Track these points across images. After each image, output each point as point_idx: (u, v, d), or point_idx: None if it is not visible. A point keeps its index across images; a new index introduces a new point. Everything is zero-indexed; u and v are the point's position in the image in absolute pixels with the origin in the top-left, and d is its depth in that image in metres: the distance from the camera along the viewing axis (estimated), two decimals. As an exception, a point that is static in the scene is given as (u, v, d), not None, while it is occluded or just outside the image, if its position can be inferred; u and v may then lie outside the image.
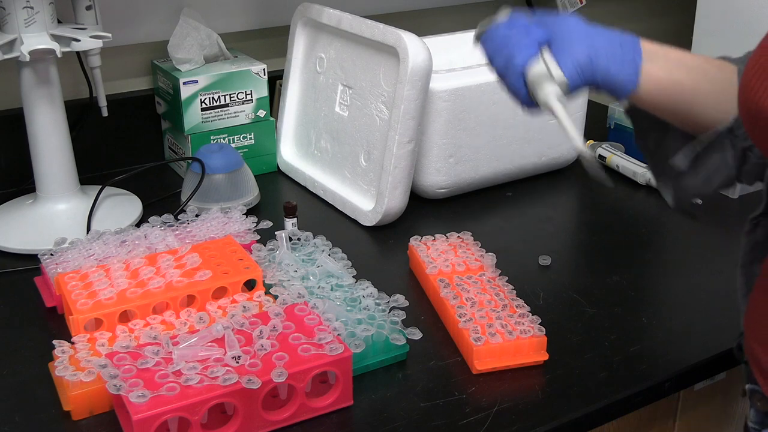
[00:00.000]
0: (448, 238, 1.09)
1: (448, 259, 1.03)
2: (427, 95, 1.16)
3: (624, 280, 1.07)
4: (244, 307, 0.90)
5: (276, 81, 1.44)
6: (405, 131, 1.14)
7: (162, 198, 1.27)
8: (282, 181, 1.37)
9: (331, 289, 0.95)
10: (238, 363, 0.78)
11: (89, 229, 1.13)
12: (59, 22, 1.12)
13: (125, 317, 0.90)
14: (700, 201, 1.24)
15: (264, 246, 1.04)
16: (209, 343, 0.81)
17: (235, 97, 1.33)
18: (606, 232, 1.22)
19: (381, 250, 1.16)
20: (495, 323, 0.90)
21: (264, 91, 1.36)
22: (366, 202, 1.22)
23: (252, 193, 1.24)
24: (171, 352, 0.80)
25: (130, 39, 1.36)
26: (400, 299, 0.94)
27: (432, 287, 1.00)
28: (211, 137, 1.33)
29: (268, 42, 1.50)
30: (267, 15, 1.48)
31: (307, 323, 0.85)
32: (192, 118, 1.31)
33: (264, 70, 1.35)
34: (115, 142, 1.39)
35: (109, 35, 1.11)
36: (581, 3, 1.61)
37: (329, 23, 1.27)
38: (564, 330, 0.96)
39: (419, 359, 0.91)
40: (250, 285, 0.96)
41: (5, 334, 0.96)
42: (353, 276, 0.99)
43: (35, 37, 1.06)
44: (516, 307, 0.93)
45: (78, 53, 1.27)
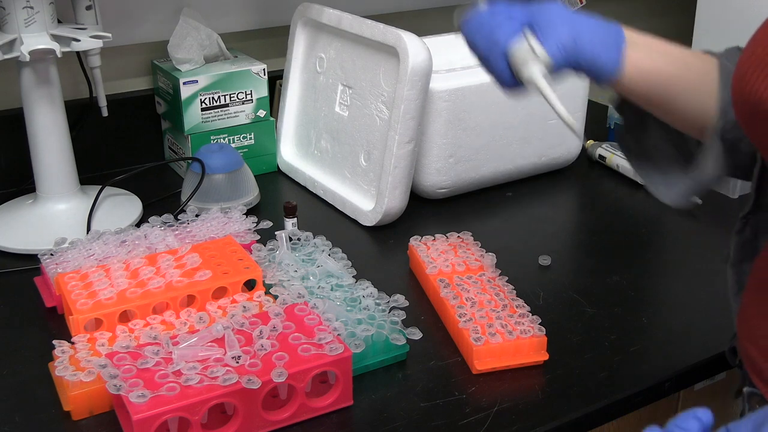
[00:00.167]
0: (448, 238, 1.09)
1: (448, 259, 1.03)
2: (427, 95, 1.16)
3: (624, 280, 1.07)
4: (244, 307, 0.90)
5: (276, 81, 1.44)
6: (405, 131, 1.14)
7: (162, 198, 1.27)
8: (282, 181, 1.37)
9: (331, 289, 0.95)
10: (238, 363, 0.78)
11: (89, 229, 1.13)
12: (59, 22, 1.12)
13: (125, 317, 0.90)
14: (699, 200, 1.24)
15: (264, 246, 1.04)
16: (209, 343, 0.81)
17: (235, 97, 1.33)
18: (606, 232, 1.22)
19: (381, 250, 1.16)
20: (495, 323, 0.90)
21: (264, 91, 1.36)
22: (366, 202, 1.22)
23: (252, 193, 1.24)
24: (171, 352, 0.80)
25: (130, 39, 1.36)
26: (400, 299, 0.94)
27: (432, 287, 1.00)
28: (211, 137, 1.33)
29: (268, 42, 1.50)
30: (267, 15, 1.48)
31: (307, 323, 0.85)
32: (192, 118, 1.31)
33: (264, 70, 1.35)
34: (115, 142, 1.39)
35: (109, 35, 1.11)
36: (581, 3, 1.61)
37: (329, 23, 1.27)
38: (564, 330, 0.96)
39: (419, 359, 0.91)
40: (250, 285, 0.96)
41: (5, 334, 0.96)
42: (353, 276, 0.99)
43: (35, 37, 1.06)
44: (516, 307, 0.93)
45: (78, 53, 1.27)
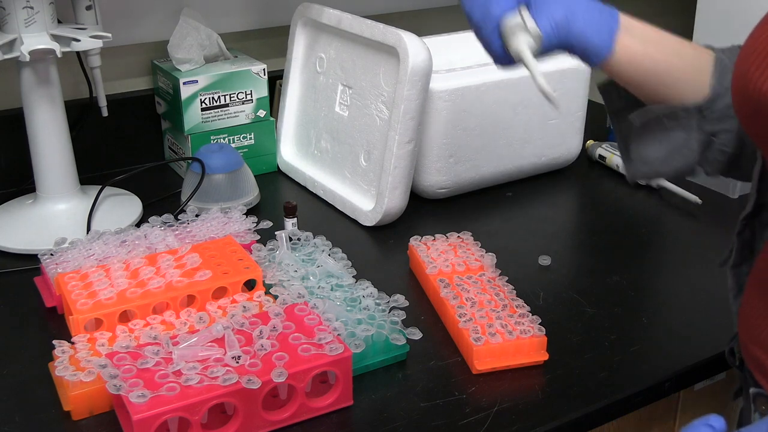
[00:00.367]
0: (448, 238, 1.09)
1: (448, 259, 1.03)
2: (427, 95, 1.16)
3: (624, 280, 1.07)
4: (244, 307, 0.90)
5: (276, 81, 1.44)
6: (405, 131, 1.14)
7: (162, 198, 1.27)
8: (282, 181, 1.37)
9: (331, 289, 0.95)
10: (238, 363, 0.78)
11: (89, 229, 1.13)
12: (59, 22, 1.12)
13: (125, 317, 0.90)
14: (699, 201, 1.24)
15: (264, 246, 1.04)
16: (209, 343, 0.81)
17: (235, 97, 1.33)
18: (606, 232, 1.22)
19: (381, 250, 1.16)
20: (495, 323, 0.90)
21: (264, 91, 1.36)
22: (366, 202, 1.22)
23: (252, 193, 1.24)
24: (171, 352, 0.80)
25: (130, 39, 1.37)
26: (400, 299, 0.94)
27: (432, 287, 1.00)
28: (211, 137, 1.33)
29: (268, 42, 1.50)
30: (267, 15, 1.48)
31: (307, 323, 0.85)
32: (192, 118, 1.31)
33: (264, 70, 1.35)
34: (115, 142, 1.39)
35: (109, 35, 1.11)
36: None
37: (329, 23, 1.27)
38: (564, 330, 0.96)
39: (419, 359, 0.91)
40: (250, 285, 0.96)
41: (5, 334, 0.96)
42: (353, 276, 0.99)
43: (35, 37, 1.06)
44: (516, 307, 0.93)
45: (78, 53, 1.27)
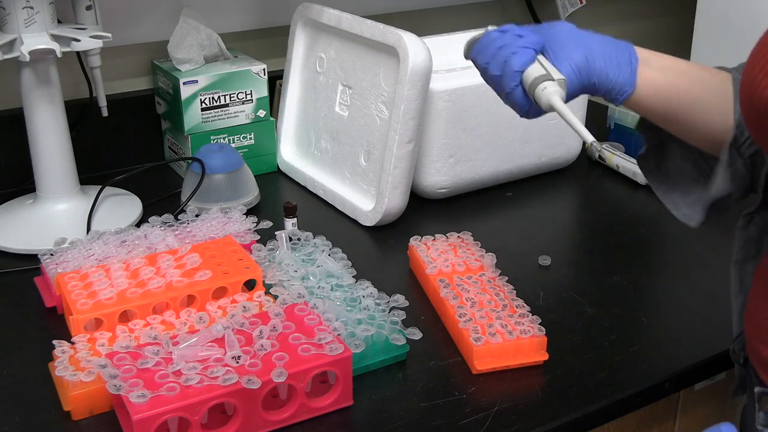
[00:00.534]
0: (448, 238, 1.09)
1: (448, 259, 1.03)
2: (427, 95, 1.16)
3: (624, 280, 1.07)
4: (244, 307, 0.90)
5: (276, 81, 1.44)
6: (405, 131, 1.14)
7: (162, 198, 1.27)
8: (282, 181, 1.37)
9: (331, 289, 0.95)
10: (238, 363, 0.78)
11: (89, 229, 1.13)
12: (59, 22, 1.12)
13: (125, 317, 0.90)
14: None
15: (264, 246, 1.04)
16: (209, 343, 0.81)
17: (235, 97, 1.33)
18: (606, 232, 1.22)
19: (381, 250, 1.16)
20: (495, 323, 0.90)
21: (264, 91, 1.36)
22: (366, 202, 1.22)
23: (252, 193, 1.24)
24: (171, 352, 0.80)
25: (130, 39, 1.36)
26: (400, 299, 0.94)
27: (432, 287, 1.00)
28: (211, 137, 1.33)
29: (268, 42, 1.50)
30: (267, 15, 1.48)
31: (307, 323, 0.85)
32: (192, 118, 1.31)
33: (264, 70, 1.35)
34: (115, 142, 1.39)
35: (109, 35, 1.11)
36: (581, 3, 1.61)
37: (329, 23, 1.27)
38: (564, 330, 0.96)
39: (419, 359, 0.91)
40: (250, 285, 0.96)
41: (5, 334, 0.96)
42: (353, 276, 0.99)
43: (35, 37, 1.06)
44: (516, 307, 0.93)
45: (78, 53, 1.27)
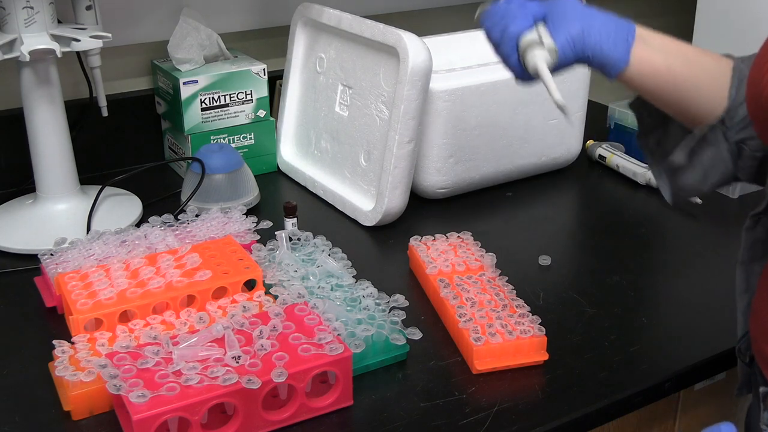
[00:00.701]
0: (448, 238, 1.09)
1: (448, 259, 1.03)
2: (427, 95, 1.16)
3: (624, 280, 1.07)
4: (244, 307, 0.90)
5: (276, 81, 1.44)
6: (405, 131, 1.14)
7: (162, 198, 1.27)
8: (282, 181, 1.37)
9: (331, 289, 0.95)
10: (238, 363, 0.78)
11: (89, 229, 1.13)
12: (59, 22, 1.12)
13: (125, 317, 0.90)
14: (699, 201, 1.24)
15: (264, 246, 1.04)
16: (209, 343, 0.81)
17: (235, 97, 1.33)
18: (606, 232, 1.22)
19: (381, 250, 1.16)
20: (495, 323, 0.90)
21: (264, 91, 1.36)
22: (366, 202, 1.22)
23: (252, 193, 1.24)
24: (171, 352, 0.80)
25: (130, 39, 1.36)
26: (400, 299, 0.94)
27: (432, 287, 1.00)
28: (211, 137, 1.33)
29: (268, 42, 1.50)
30: (267, 15, 1.48)
31: (307, 323, 0.85)
32: (192, 118, 1.31)
33: (264, 70, 1.35)
34: (115, 142, 1.39)
35: (109, 35, 1.11)
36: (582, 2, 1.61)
37: (329, 23, 1.27)
38: (564, 330, 0.96)
39: (419, 359, 0.91)
40: (250, 285, 0.96)
41: (5, 334, 0.96)
42: (353, 276, 0.99)
43: (35, 37, 1.06)
44: (516, 307, 0.93)
45: (78, 53, 1.27)
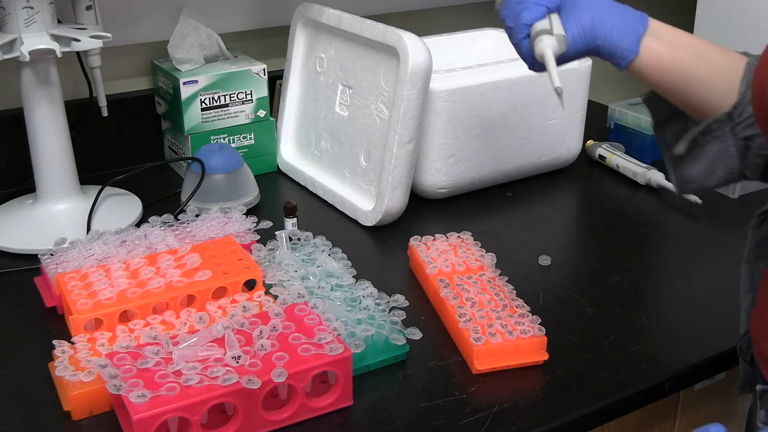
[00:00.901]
0: (448, 238, 1.09)
1: (448, 259, 1.03)
2: (427, 95, 1.16)
3: (624, 280, 1.07)
4: (244, 307, 0.90)
5: (276, 81, 1.44)
6: (405, 131, 1.14)
7: (162, 198, 1.27)
8: (282, 181, 1.37)
9: (331, 289, 0.95)
10: (238, 363, 0.78)
11: (89, 229, 1.13)
12: (59, 22, 1.12)
13: (125, 317, 0.90)
14: (699, 201, 1.24)
15: (264, 246, 1.04)
16: (209, 343, 0.81)
17: (235, 97, 1.33)
18: (606, 232, 1.22)
19: (381, 250, 1.16)
20: (495, 323, 0.90)
21: (264, 91, 1.36)
22: (366, 202, 1.22)
23: (252, 193, 1.24)
24: (171, 352, 0.80)
25: (130, 39, 1.37)
26: (400, 299, 0.94)
27: (432, 287, 1.00)
28: (211, 137, 1.33)
29: (268, 42, 1.50)
30: (267, 15, 1.48)
31: (307, 323, 0.85)
32: (192, 118, 1.31)
33: (264, 70, 1.35)
34: (115, 142, 1.39)
35: (109, 35, 1.11)
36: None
37: (329, 23, 1.27)
38: (564, 330, 0.96)
39: (419, 359, 0.91)
40: (250, 285, 0.96)
41: (5, 334, 0.96)
42: (353, 276, 0.99)
43: (35, 37, 1.06)
44: (516, 307, 0.93)
45: (78, 53, 1.27)
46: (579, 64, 1.29)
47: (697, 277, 1.09)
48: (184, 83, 1.29)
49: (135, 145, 1.41)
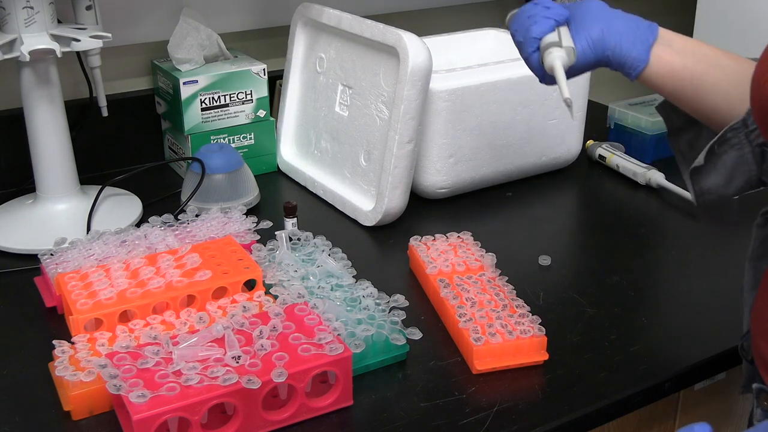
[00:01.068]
0: (448, 238, 1.09)
1: (448, 259, 1.03)
2: (427, 95, 1.16)
3: (624, 280, 1.07)
4: (244, 307, 0.90)
5: (276, 81, 1.44)
6: (405, 131, 1.14)
7: (162, 198, 1.27)
8: (282, 181, 1.37)
9: (331, 289, 0.95)
10: (238, 363, 0.78)
11: (89, 229, 1.13)
12: (59, 22, 1.12)
13: (125, 317, 0.90)
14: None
15: (264, 246, 1.04)
16: (209, 343, 0.81)
17: (235, 97, 1.33)
18: (606, 232, 1.22)
19: (381, 250, 1.16)
20: (495, 323, 0.90)
21: (264, 91, 1.36)
22: (366, 202, 1.22)
23: (252, 193, 1.24)
24: (171, 352, 0.80)
25: (130, 39, 1.37)
26: (400, 299, 0.94)
27: (432, 287, 1.00)
28: (211, 137, 1.33)
29: (268, 42, 1.50)
30: (267, 15, 1.48)
31: (307, 323, 0.85)
32: (192, 118, 1.31)
33: (264, 70, 1.35)
34: (115, 142, 1.39)
35: (109, 35, 1.11)
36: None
37: (329, 23, 1.27)
38: (564, 330, 0.96)
39: (419, 359, 0.91)
40: (250, 285, 0.96)
41: (5, 334, 0.96)
42: (353, 276, 0.99)
43: (35, 37, 1.06)
44: (516, 307, 0.93)
45: (78, 53, 1.27)
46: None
47: (697, 277, 1.09)
48: (184, 83, 1.29)
49: (135, 145, 1.41)
